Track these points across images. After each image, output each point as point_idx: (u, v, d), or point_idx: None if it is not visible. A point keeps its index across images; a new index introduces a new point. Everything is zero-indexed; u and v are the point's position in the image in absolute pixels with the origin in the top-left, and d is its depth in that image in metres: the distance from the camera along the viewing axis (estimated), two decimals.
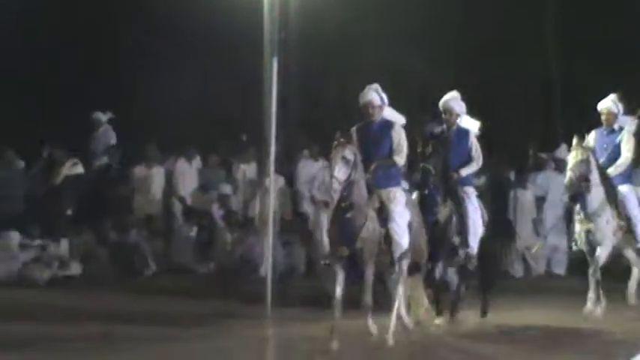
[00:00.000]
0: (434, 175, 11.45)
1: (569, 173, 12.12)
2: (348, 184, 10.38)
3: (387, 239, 10.70)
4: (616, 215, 12.16)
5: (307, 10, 15.91)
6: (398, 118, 11.06)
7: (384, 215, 10.66)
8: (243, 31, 15.92)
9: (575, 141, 12.27)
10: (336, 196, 10.37)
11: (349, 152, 10.44)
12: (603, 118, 12.48)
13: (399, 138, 10.90)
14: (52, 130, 16.71)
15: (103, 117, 16.98)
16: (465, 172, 11.80)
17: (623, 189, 12.39)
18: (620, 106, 12.43)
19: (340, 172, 10.32)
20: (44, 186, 16.13)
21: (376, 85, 10.95)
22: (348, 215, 10.44)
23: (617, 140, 12.49)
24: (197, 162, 16.88)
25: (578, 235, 12.37)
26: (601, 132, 12.59)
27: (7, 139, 16.07)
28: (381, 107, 10.90)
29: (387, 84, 11.74)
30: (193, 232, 16.14)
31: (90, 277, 14.83)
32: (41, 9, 18.91)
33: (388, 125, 10.96)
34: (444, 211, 11.56)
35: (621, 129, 12.46)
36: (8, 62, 18.27)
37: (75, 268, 15.04)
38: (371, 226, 10.59)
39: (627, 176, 12.48)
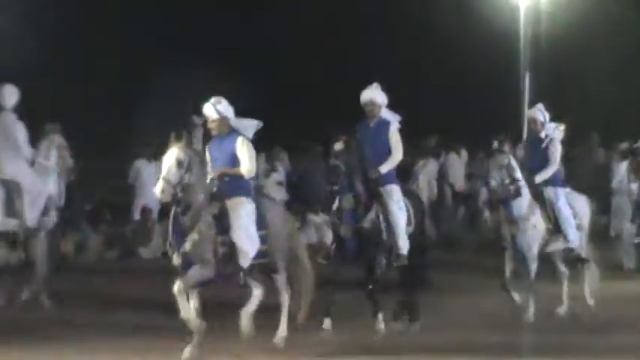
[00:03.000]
0: (345, 172, 10.89)
1: (492, 180, 11.92)
2: (183, 187, 9.85)
3: (230, 246, 10.05)
4: (544, 217, 12.08)
5: (555, 30, 19.28)
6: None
7: (224, 223, 10.02)
8: (503, 49, 19.39)
9: (494, 146, 12.61)
10: (166, 199, 9.88)
11: (183, 154, 9.94)
12: (531, 126, 12.58)
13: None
14: None
15: None
16: (384, 168, 11.14)
17: (551, 192, 12.23)
18: (547, 115, 12.51)
19: (171, 175, 9.80)
20: None
21: (216, 99, 10.34)
22: (181, 218, 9.92)
23: (543, 147, 12.38)
24: (464, 155, 18.87)
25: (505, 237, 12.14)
26: (530, 139, 12.71)
27: None
28: (220, 120, 10.27)
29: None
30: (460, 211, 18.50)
31: None
32: None
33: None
34: (370, 214, 10.93)
35: (547, 136, 12.41)
36: None
37: None
38: (204, 229, 9.95)
39: (555, 180, 12.41)
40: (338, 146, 11.39)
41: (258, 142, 10.68)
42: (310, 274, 10.69)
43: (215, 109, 10.19)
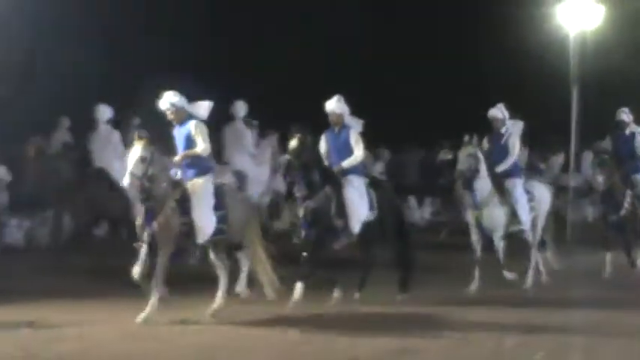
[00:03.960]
0: (298, 165, 11.99)
1: (458, 166, 13.16)
2: (148, 178, 10.87)
3: (189, 225, 11.09)
4: (503, 202, 13.25)
5: (599, 52, 21.33)
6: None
7: (186, 205, 11.07)
8: (553, 66, 21.66)
9: (465, 140, 13.33)
10: (134, 190, 11.19)
11: (146, 150, 10.92)
12: (493, 124, 13.65)
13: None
14: None
15: None
16: (346, 164, 12.40)
17: (509, 182, 13.43)
18: (506, 113, 13.65)
19: (136, 169, 10.85)
20: None
21: (167, 94, 11.33)
22: (146, 206, 10.99)
23: (503, 142, 13.62)
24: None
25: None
26: (494, 135, 13.66)
27: None
28: (177, 111, 11.31)
29: None
30: None
31: None
32: None
33: None
34: (318, 196, 12.07)
35: (508, 132, 13.62)
36: None
37: None
38: (169, 213, 10.97)
39: (514, 171, 13.61)
40: (293, 143, 12.20)
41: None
42: (263, 254, 11.83)
43: (169, 102, 11.27)
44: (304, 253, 12.06)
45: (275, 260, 11.92)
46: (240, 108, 16.88)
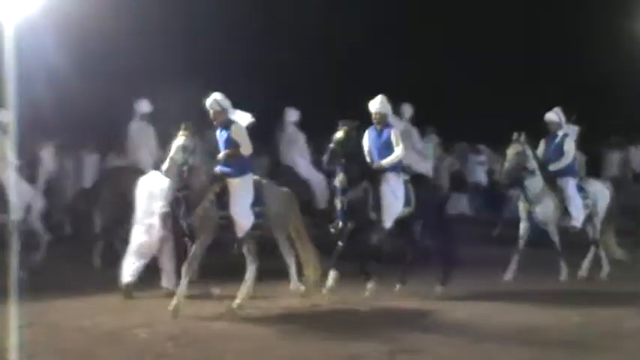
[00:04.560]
0: (341, 155, 12.26)
1: (505, 164, 13.64)
2: (188, 168, 11.15)
3: (227, 219, 11.39)
4: (554, 198, 13.78)
5: None
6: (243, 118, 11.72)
7: (225, 199, 11.36)
8: None
9: (513, 138, 13.75)
10: (171, 176, 11.30)
11: (189, 140, 11.20)
12: (549, 126, 14.16)
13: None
14: None
15: None
16: (386, 162, 12.68)
17: (563, 179, 13.93)
18: (562, 117, 14.10)
19: (177, 155, 11.13)
20: None
21: (214, 95, 11.60)
22: (182, 195, 11.29)
23: (558, 142, 14.06)
24: None
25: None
26: (550, 137, 14.09)
27: None
28: (221, 112, 11.60)
29: None
30: None
31: None
32: None
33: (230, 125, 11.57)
34: (356, 190, 12.39)
35: (564, 135, 14.06)
36: None
37: None
38: (207, 205, 11.25)
39: (567, 170, 14.01)
40: (339, 134, 12.39)
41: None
42: (309, 246, 12.35)
43: (216, 101, 11.54)
44: (339, 243, 12.32)
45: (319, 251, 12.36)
46: (292, 114, 17.21)
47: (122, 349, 9.83)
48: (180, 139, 11.21)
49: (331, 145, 12.33)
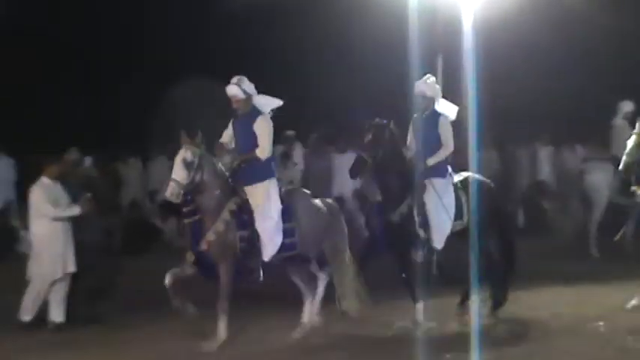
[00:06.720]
0: (369, 164, 10.43)
1: (625, 157, 12.20)
2: (195, 187, 9.62)
3: (249, 241, 9.78)
4: None
5: None
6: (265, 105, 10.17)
7: (244, 217, 9.79)
8: None
9: (635, 130, 12.37)
10: (175, 199, 9.58)
11: (190, 154, 9.62)
12: None
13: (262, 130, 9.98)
14: None
15: None
16: (432, 161, 10.69)
17: None
18: None
19: (178, 175, 9.55)
20: None
21: (238, 79, 10.08)
22: (192, 219, 9.75)
23: None
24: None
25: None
26: None
27: None
28: (246, 100, 10.07)
29: None
30: None
31: None
32: None
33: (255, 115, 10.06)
34: (401, 208, 10.49)
35: None
36: None
37: None
38: (222, 229, 9.68)
39: None
40: (367, 138, 10.55)
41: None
42: (349, 265, 10.48)
43: (240, 88, 10.00)
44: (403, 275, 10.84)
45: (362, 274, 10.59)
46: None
47: (581, 341, 10.03)
48: (180, 153, 9.68)
49: (360, 153, 10.56)
